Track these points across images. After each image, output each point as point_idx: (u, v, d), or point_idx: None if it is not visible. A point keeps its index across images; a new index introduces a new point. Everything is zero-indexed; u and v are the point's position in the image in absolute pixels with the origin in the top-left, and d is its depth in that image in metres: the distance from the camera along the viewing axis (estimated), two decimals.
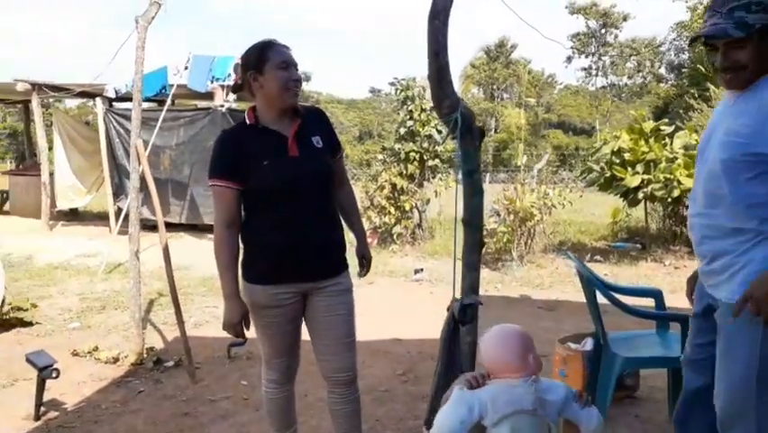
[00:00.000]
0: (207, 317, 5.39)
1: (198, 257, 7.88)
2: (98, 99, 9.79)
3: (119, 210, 9.65)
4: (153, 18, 4.19)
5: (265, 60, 2.15)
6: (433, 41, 2.71)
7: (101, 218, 11.30)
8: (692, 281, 2.26)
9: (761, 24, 1.76)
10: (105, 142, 9.78)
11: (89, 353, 4.18)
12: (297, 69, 2.19)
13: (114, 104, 10.13)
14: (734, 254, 1.87)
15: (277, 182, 2.16)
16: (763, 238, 1.83)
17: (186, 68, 8.74)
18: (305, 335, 2.44)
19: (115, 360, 4.08)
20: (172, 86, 8.68)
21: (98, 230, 10.23)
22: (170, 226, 9.05)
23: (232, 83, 8.59)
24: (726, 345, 1.91)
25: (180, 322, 3.93)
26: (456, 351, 2.17)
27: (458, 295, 2.39)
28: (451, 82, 2.75)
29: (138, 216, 4.17)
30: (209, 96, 9.65)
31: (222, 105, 9.24)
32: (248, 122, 2.24)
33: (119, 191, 9.88)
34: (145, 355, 4.13)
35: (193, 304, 5.72)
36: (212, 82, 8.92)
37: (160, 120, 6.95)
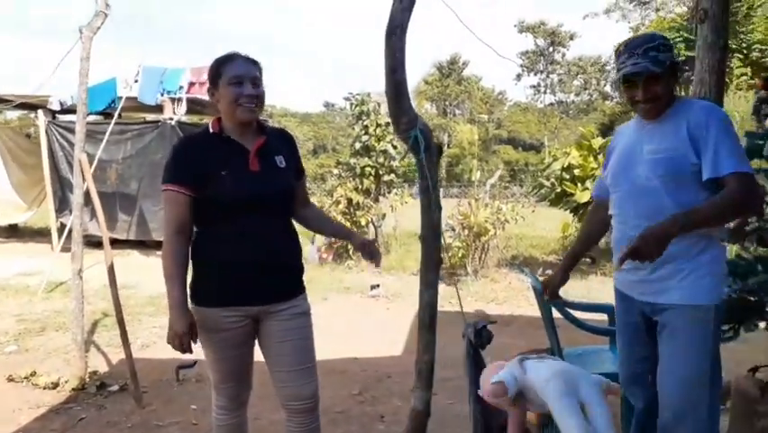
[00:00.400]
0: (155, 338, 5.19)
1: (146, 275, 7.62)
2: (40, 111, 9.41)
3: (62, 226, 9.28)
4: (99, 28, 4.05)
5: (219, 75, 2.09)
6: (390, 57, 2.70)
7: (42, 235, 10.84)
8: (546, 287, 2.69)
9: (669, 61, 2.08)
10: (48, 156, 9.40)
11: (26, 378, 3.95)
12: (255, 85, 2.10)
13: (57, 116, 9.76)
14: (682, 259, 2.05)
15: (234, 195, 2.06)
16: (708, 242, 2.05)
17: (135, 80, 8.49)
18: (258, 357, 2.34)
19: (55, 385, 3.86)
20: (121, 98, 8.42)
21: (39, 247, 9.80)
22: (118, 243, 8.78)
23: (184, 96, 8.43)
24: (679, 344, 2.07)
25: (126, 344, 3.75)
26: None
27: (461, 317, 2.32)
28: (408, 98, 2.74)
29: (81, 234, 3.99)
30: (157, 108, 9.42)
31: (171, 119, 9.03)
32: (211, 130, 2.15)
33: (62, 206, 9.50)
34: (87, 380, 3.92)
35: (140, 325, 5.50)
36: (162, 95, 8.70)
37: (107, 133, 6.71)
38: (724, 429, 3.01)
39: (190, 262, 2.12)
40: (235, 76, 2.07)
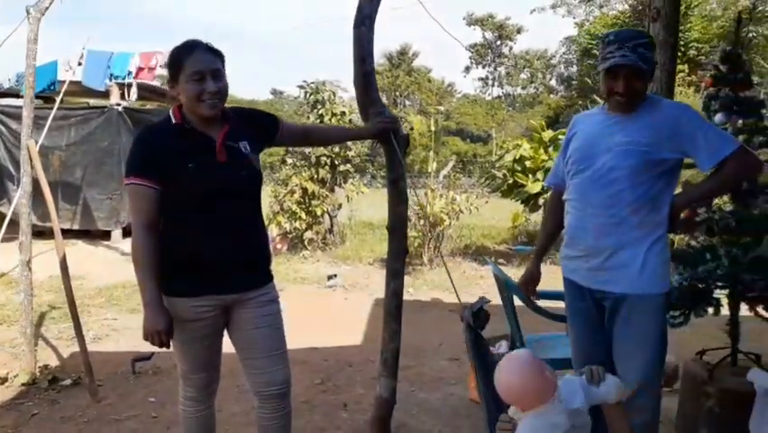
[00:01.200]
0: (107, 331, 5.05)
1: (93, 266, 7.39)
2: None
3: (0, 216, 8.84)
4: (47, 9, 3.87)
5: (179, 70, 2.02)
6: (358, 46, 2.69)
7: None
8: (526, 284, 2.71)
9: (653, 62, 2.18)
10: None
11: None
12: (217, 78, 2.03)
13: None
14: (636, 247, 2.16)
15: (202, 187, 2.02)
16: (661, 234, 2.18)
17: (79, 63, 8.14)
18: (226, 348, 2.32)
19: (3, 380, 3.71)
20: (62, 82, 8.06)
21: None
22: (62, 233, 8.41)
23: (134, 81, 8.14)
24: (634, 331, 2.20)
25: (80, 336, 3.64)
26: (489, 358, 2.13)
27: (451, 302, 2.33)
28: (377, 88, 2.75)
29: (29, 224, 3.82)
30: (102, 94, 9.08)
31: (118, 104, 8.72)
32: (173, 120, 2.08)
33: (0, 195, 9.05)
34: (38, 374, 3.78)
35: (90, 317, 5.33)
36: (110, 80, 8.38)
37: (50, 119, 6.42)
38: (673, 410, 3.17)
39: (161, 255, 2.07)
40: (196, 72, 2.00)
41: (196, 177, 2.02)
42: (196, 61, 2.01)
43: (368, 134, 2.56)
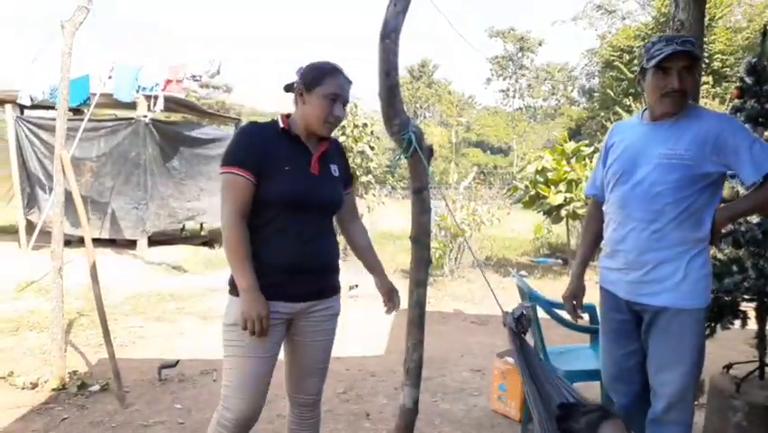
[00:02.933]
0: (133, 338, 5.13)
1: (120, 274, 7.52)
2: (8, 106, 9.17)
3: (29, 224, 9.06)
4: (81, 23, 4.00)
5: (318, 83, 2.09)
6: (384, 60, 2.73)
7: (7, 233, 10.55)
8: (572, 298, 2.58)
9: (700, 67, 2.17)
10: (16, 152, 9.17)
11: (4, 378, 3.88)
12: (344, 106, 2.14)
13: (25, 111, 9.54)
14: (678, 261, 2.15)
15: (294, 191, 2.06)
16: (702, 248, 2.16)
17: (109, 77, 8.35)
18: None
19: (34, 385, 3.80)
20: (95, 95, 8.27)
21: (4, 246, 9.54)
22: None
23: (161, 93, 8.30)
24: (674, 344, 2.19)
25: (108, 343, 3.71)
26: (535, 361, 2.15)
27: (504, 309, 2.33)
28: (401, 101, 2.78)
29: (62, 232, 3.92)
30: (129, 105, 9.28)
31: (145, 116, 8.90)
32: (281, 125, 2.14)
33: (31, 204, 9.28)
34: (68, 380, 3.86)
35: (117, 324, 5.42)
36: (137, 92, 8.57)
37: (81, 130, 6.59)
38: (700, 424, 3.14)
39: None
40: (334, 93, 2.09)
41: (289, 180, 2.06)
42: (338, 85, 2.11)
43: (379, 282, 2.52)
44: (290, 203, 2.07)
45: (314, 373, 2.29)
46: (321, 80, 2.09)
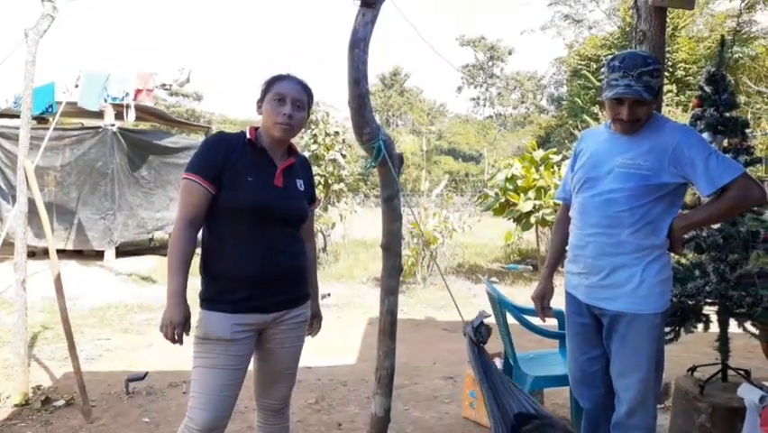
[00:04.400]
0: (100, 351, 5.03)
1: (87, 286, 7.37)
2: None
3: None
4: (45, 32, 3.93)
5: (267, 91, 2.15)
6: (353, 69, 2.75)
7: None
8: (540, 299, 2.61)
9: (659, 87, 2.19)
10: None
11: None
12: (297, 107, 2.14)
13: None
14: (634, 267, 2.19)
15: (256, 201, 2.06)
16: (659, 254, 2.20)
17: (76, 85, 8.19)
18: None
19: None
20: (59, 103, 8.11)
21: None
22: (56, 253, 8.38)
23: (132, 102, 8.18)
24: (629, 349, 2.23)
25: (74, 357, 3.62)
26: (492, 371, 2.16)
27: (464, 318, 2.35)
28: (371, 109, 2.79)
29: (24, 243, 3.83)
30: (95, 114, 9.13)
31: (112, 125, 8.76)
32: (248, 136, 2.16)
33: None
34: (31, 395, 3.77)
35: (83, 337, 5.30)
36: (105, 101, 8.43)
37: (45, 139, 6.43)
38: (666, 426, 3.20)
39: (203, 270, 2.11)
40: (279, 93, 2.12)
41: (252, 191, 2.07)
42: (283, 86, 2.14)
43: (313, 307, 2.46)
44: (254, 213, 2.07)
45: (282, 378, 2.30)
46: (270, 88, 2.16)
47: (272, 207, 2.10)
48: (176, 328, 1.98)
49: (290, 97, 2.13)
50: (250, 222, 2.08)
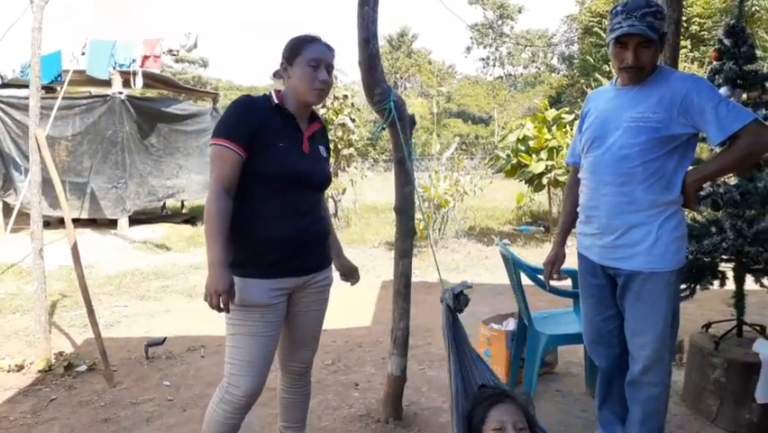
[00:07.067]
0: (118, 318, 5.11)
1: (102, 254, 7.47)
2: None
3: (6, 206, 8.91)
4: None
5: (297, 54, 2.07)
6: (363, 27, 2.71)
7: None
8: (551, 265, 2.64)
9: (661, 32, 2.12)
10: None
11: None
12: (329, 71, 2.11)
13: None
14: (649, 225, 2.17)
15: (290, 168, 2.06)
16: (674, 211, 2.17)
17: (83, 53, 8.13)
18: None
19: (20, 368, 3.78)
20: (67, 72, 8.07)
21: None
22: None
23: (139, 69, 8.13)
24: (645, 307, 2.23)
25: (94, 323, 3.69)
26: (462, 340, 2.18)
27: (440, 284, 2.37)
28: (381, 70, 2.76)
29: (40, 213, 3.86)
30: (103, 82, 9.09)
31: (121, 93, 8.73)
32: (275, 101, 2.12)
33: (7, 186, 9.10)
34: (54, 361, 3.84)
35: (101, 304, 5.38)
36: (114, 68, 8.38)
37: (55, 108, 6.42)
38: (680, 382, 3.22)
39: (236, 236, 2.07)
40: (314, 59, 2.07)
41: (284, 156, 2.05)
42: (317, 50, 2.09)
43: (338, 264, 2.50)
44: (287, 179, 2.06)
45: (307, 342, 2.35)
46: (300, 50, 2.08)
47: (302, 173, 2.09)
48: (221, 296, 1.94)
49: (324, 63, 2.09)
50: (280, 187, 2.06)
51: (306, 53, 2.07)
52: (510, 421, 1.81)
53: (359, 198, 10.29)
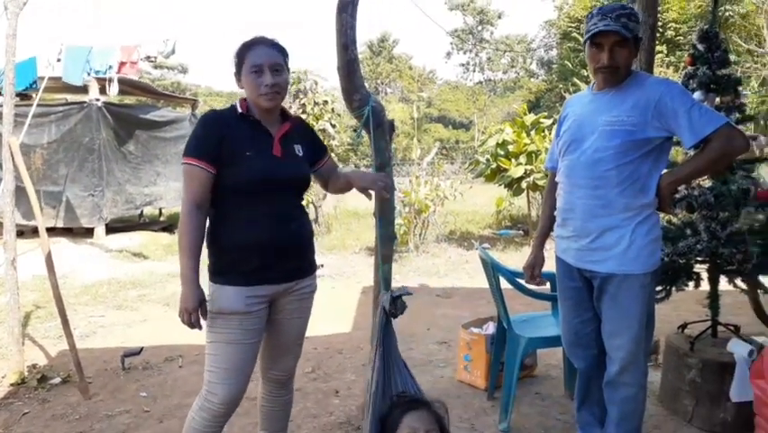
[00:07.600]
0: (94, 328, 5.02)
1: (78, 263, 7.34)
2: None
3: None
4: (25, 4, 3.82)
5: (242, 62, 2.08)
6: (341, 33, 2.69)
7: None
8: (531, 269, 2.66)
9: (635, 33, 2.17)
10: None
11: None
12: (275, 72, 2.07)
13: None
14: (623, 229, 2.19)
15: (257, 175, 2.04)
16: (648, 214, 2.20)
17: (58, 59, 8.02)
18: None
19: None
20: (42, 79, 7.95)
21: None
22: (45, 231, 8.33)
23: (115, 76, 8.04)
24: (621, 310, 2.25)
25: (68, 334, 3.62)
26: (390, 344, 2.18)
27: (371, 288, 2.38)
28: (360, 75, 2.75)
29: (13, 222, 3.79)
30: (80, 89, 8.97)
31: (98, 99, 8.62)
32: (239, 110, 2.12)
33: None
34: (27, 374, 3.76)
35: (76, 314, 5.30)
36: (89, 74, 8.27)
37: (30, 116, 6.31)
38: (656, 382, 3.25)
39: (211, 244, 2.09)
40: (255, 65, 2.05)
41: (253, 165, 2.04)
42: (257, 55, 2.07)
43: (359, 183, 2.40)
44: (257, 185, 2.05)
45: (290, 350, 2.32)
46: (243, 58, 2.09)
47: (273, 177, 2.08)
48: (191, 314, 1.97)
49: (267, 65, 2.06)
50: (254, 194, 2.06)
51: (247, 60, 2.07)
52: (423, 429, 1.83)
53: (339, 204, 10.27)
